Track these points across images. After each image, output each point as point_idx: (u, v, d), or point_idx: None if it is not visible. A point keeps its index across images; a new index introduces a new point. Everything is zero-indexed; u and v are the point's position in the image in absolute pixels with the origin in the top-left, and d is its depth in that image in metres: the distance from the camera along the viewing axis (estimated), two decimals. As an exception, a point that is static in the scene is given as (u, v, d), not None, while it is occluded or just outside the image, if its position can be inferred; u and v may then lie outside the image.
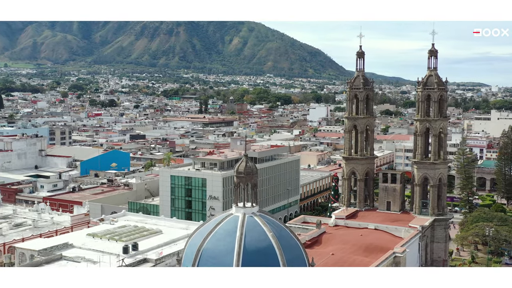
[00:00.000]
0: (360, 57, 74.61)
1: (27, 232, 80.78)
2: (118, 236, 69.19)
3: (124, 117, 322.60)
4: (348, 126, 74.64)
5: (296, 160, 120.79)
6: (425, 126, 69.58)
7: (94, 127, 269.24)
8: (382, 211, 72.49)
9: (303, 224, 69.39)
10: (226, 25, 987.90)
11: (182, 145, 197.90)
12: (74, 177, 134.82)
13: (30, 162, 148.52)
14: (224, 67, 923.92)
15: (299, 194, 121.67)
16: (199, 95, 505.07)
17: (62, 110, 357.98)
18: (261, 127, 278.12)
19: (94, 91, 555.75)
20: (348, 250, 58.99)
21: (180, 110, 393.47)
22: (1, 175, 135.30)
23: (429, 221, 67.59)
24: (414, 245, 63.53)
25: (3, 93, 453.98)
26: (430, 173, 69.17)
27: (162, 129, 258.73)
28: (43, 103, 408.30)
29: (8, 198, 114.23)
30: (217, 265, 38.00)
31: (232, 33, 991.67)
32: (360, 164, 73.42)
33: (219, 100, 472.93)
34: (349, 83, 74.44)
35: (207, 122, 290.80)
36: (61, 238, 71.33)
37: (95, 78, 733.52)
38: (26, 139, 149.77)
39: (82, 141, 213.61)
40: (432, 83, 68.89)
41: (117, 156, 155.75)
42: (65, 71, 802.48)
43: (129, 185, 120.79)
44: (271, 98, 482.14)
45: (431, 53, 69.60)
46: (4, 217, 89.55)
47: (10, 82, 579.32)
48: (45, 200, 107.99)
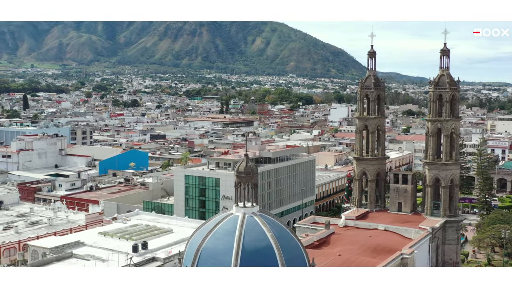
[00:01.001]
0: (371, 57, 74.10)
1: (42, 230, 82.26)
2: (129, 235, 69.92)
3: (145, 117, 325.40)
4: (359, 126, 74.22)
5: (312, 160, 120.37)
6: (436, 126, 68.80)
7: (115, 127, 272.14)
8: (393, 212, 71.88)
9: (312, 225, 69.16)
10: (248, 26, 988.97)
11: (201, 145, 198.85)
12: (93, 176, 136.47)
13: (50, 161, 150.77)
14: (246, 67, 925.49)
15: (315, 194, 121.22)
16: (220, 95, 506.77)
17: (85, 110, 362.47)
18: (281, 127, 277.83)
19: (118, 91, 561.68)
20: (356, 251, 58.66)
21: (202, 110, 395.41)
22: (22, 174, 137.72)
23: (440, 223, 66.79)
24: (424, 247, 62.85)
25: (29, 94, 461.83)
26: (441, 174, 68.35)
27: (183, 129, 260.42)
28: (67, 103, 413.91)
29: (27, 196, 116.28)
30: (216, 265, 38.22)
31: (254, 33, 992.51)
32: (371, 165, 72.92)
33: (240, 100, 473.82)
34: (360, 83, 74.04)
35: (227, 122, 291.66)
36: (73, 236, 72.43)
37: (119, 78, 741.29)
38: (46, 139, 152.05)
39: (103, 140, 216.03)
40: (444, 82, 68.08)
41: (136, 156, 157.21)
42: (90, 72, 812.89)
43: (146, 185, 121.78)
44: (293, 98, 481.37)
45: (443, 52, 68.78)
46: (21, 215, 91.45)
47: (36, 83, 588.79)
48: (63, 199, 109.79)
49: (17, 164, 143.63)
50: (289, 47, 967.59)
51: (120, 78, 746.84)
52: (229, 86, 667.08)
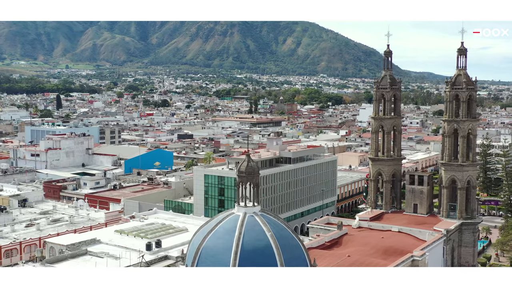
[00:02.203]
0: (387, 56, 73.40)
1: (63, 228, 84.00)
2: (144, 233, 70.81)
3: (174, 117, 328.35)
4: (374, 126, 73.53)
5: (333, 160, 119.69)
6: (453, 126, 67.66)
7: (144, 126, 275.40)
8: (408, 214, 71.01)
9: (326, 225, 68.86)
10: (279, 26, 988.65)
11: (226, 145, 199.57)
12: (118, 175, 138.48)
13: (77, 160, 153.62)
14: (277, 67, 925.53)
15: (336, 195, 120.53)
16: (250, 95, 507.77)
17: (116, 110, 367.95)
18: (309, 127, 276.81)
19: (149, 91, 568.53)
20: (366, 252, 58.19)
21: (231, 110, 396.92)
22: (49, 172, 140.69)
23: (455, 225, 65.70)
24: (437, 249, 61.96)
25: (63, 94, 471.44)
26: (458, 175, 67.20)
27: (210, 129, 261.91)
28: (99, 103, 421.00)
29: (53, 194, 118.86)
30: (215, 263, 38.54)
31: (285, 33, 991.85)
32: (387, 165, 72.17)
33: (270, 100, 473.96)
34: (376, 83, 73.36)
35: (255, 122, 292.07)
36: (90, 234, 73.73)
37: (151, 78, 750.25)
38: (74, 138, 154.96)
39: (131, 140, 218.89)
40: (460, 82, 66.93)
41: (161, 155, 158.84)
42: (123, 72, 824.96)
43: (168, 184, 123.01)
44: (322, 98, 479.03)
45: (460, 51, 67.62)
46: (44, 213, 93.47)
47: (70, 83, 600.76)
48: (87, 197, 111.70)
49: (45, 163, 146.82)
50: (320, 47, 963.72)
51: (152, 78, 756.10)
52: (260, 86, 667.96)
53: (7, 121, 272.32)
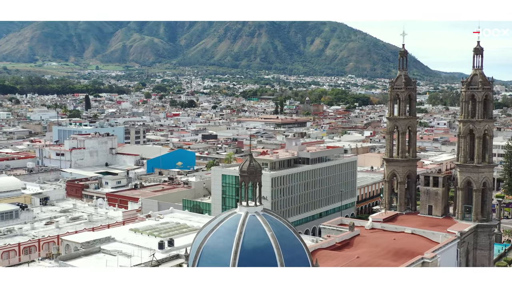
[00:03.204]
0: (402, 57, 72.63)
1: (81, 226, 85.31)
2: (158, 232, 71.58)
3: (200, 118, 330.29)
4: (389, 127, 72.82)
5: (353, 161, 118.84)
6: (468, 127, 66.53)
7: (170, 127, 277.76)
8: (423, 215, 70.07)
9: (339, 226, 68.41)
10: (307, 26, 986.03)
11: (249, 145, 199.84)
12: (140, 174, 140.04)
13: (101, 159, 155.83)
14: (305, 68, 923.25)
15: (356, 196, 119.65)
16: (277, 96, 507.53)
17: (143, 111, 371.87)
18: (333, 128, 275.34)
19: (177, 92, 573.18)
20: (377, 253, 57.64)
21: (256, 110, 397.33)
22: (73, 171, 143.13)
23: (470, 227, 64.58)
24: (451, 251, 61.02)
25: (92, 94, 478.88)
26: (473, 176, 66.06)
27: (235, 130, 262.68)
28: (127, 103, 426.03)
29: (75, 193, 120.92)
30: (216, 262, 38.68)
31: (313, 33, 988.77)
32: (401, 166, 71.34)
33: (296, 101, 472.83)
34: (390, 83, 72.67)
35: (279, 122, 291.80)
36: (106, 232, 74.77)
37: (179, 79, 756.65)
38: (98, 138, 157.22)
39: (156, 140, 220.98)
40: (476, 82, 65.79)
41: (183, 155, 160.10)
42: (151, 73, 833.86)
43: (188, 184, 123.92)
44: (349, 99, 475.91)
45: (476, 51, 66.49)
46: (64, 211, 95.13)
47: (99, 84, 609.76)
48: (108, 196, 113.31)
49: (70, 162, 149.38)
50: (348, 47, 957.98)
51: (180, 79, 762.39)
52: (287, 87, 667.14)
53: (37, 121, 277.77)
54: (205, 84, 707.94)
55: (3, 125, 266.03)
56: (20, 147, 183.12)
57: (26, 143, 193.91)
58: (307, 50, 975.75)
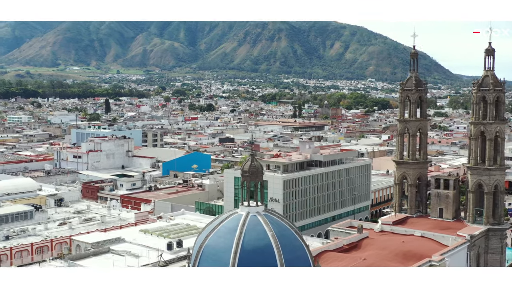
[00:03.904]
0: (413, 58, 72.11)
1: (94, 227, 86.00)
2: (167, 233, 71.84)
3: (218, 121, 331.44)
4: (399, 129, 72.30)
5: (367, 164, 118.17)
6: (479, 129, 65.70)
7: (187, 130, 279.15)
8: (433, 218, 69.29)
9: (347, 229, 67.99)
10: (327, 30, 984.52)
11: (266, 148, 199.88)
12: (155, 177, 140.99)
13: (117, 162, 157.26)
14: (325, 72, 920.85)
15: (370, 199, 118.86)
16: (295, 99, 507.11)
17: (162, 114, 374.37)
18: (351, 131, 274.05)
19: (196, 96, 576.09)
20: (384, 256, 57.16)
21: (275, 114, 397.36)
22: (90, 173, 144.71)
23: (480, 230, 63.69)
24: (460, 255, 60.23)
25: (112, 98, 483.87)
26: (484, 179, 65.18)
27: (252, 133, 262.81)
28: (146, 107, 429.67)
29: (91, 195, 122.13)
30: (216, 262, 38.77)
31: (333, 37, 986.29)
32: (412, 169, 70.72)
33: (315, 104, 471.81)
34: (401, 85, 72.15)
35: (297, 126, 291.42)
36: (116, 232, 75.30)
37: (199, 83, 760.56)
38: (114, 141, 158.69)
39: (173, 143, 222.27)
40: (487, 84, 64.98)
41: (199, 158, 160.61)
42: (171, 77, 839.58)
43: (202, 186, 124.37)
44: (368, 103, 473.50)
45: (488, 52, 65.67)
46: (77, 212, 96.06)
47: (119, 88, 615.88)
48: (122, 198, 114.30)
49: (87, 164, 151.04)
50: (368, 51, 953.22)
51: (200, 83, 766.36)
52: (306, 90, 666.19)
53: (57, 124, 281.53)
54: (225, 88, 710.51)
55: (24, 128, 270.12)
56: (40, 150, 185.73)
57: (45, 145, 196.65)
58: (326, 54, 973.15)
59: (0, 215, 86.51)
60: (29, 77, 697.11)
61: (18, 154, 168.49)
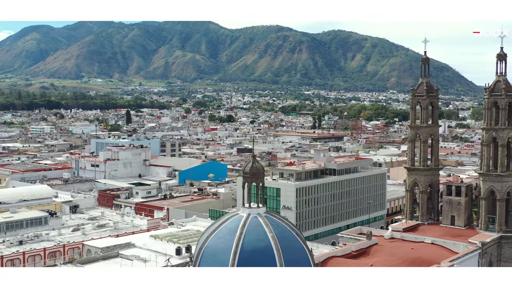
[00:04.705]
0: (424, 64, 71.59)
1: (106, 233, 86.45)
2: (177, 239, 72.06)
3: (237, 132, 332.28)
4: (410, 135, 71.68)
5: (382, 173, 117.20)
6: (491, 135, 64.80)
7: (206, 140, 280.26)
8: (445, 226, 68.35)
9: (357, 235, 67.40)
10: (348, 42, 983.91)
11: (283, 158, 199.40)
12: (171, 185, 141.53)
13: (135, 171, 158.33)
14: (346, 83, 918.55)
15: (386, 209, 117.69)
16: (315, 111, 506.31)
17: (182, 125, 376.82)
18: (370, 142, 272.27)
19: (216, 107, 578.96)
20: (391, 262, 56.46)
21: (294, 125, 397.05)
22: (107, 182, 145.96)
23: (492, 238, 62.58)
24: (471, 262, 59.21)
25: (134, 110, 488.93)
26: (496, 186, 64.18)
27: (271, 144, 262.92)
28: (167, 118, 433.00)
29: (107, 202, 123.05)
30: (216, 262, 38.71)
31: (354, 49, 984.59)
32: (423, 176, 69.95)
33: (335, 116, 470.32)
34: (412, 91, 71.63)
35: (316, 137, 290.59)
36: (126, 238, 75.71)
37: (220, 95, 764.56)
38: (131, 150, 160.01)
39: (191, 153, 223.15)
40: (499, 89, 64.18)
41: (215, 167, 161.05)
42: (193, 89, 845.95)
43: (217, 194, 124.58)
44: (389, 114, 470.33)
45: (499, 57, 64.92)
46: (91, 219, 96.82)
47: (141, 99, 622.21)
48: (137, 206, 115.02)
49: (104, 173, 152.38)
50: (390, 63, 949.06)
51: (221, 95, 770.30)
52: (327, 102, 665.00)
53: (78, 135, 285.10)
54: (245, 99, 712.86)
55: (46, 138, 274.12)
56: (59, 159, 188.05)
57: (65, 155, 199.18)
58: (347, 66, 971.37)
59: (15, 220, 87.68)
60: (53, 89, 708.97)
61: (38, 163, 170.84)
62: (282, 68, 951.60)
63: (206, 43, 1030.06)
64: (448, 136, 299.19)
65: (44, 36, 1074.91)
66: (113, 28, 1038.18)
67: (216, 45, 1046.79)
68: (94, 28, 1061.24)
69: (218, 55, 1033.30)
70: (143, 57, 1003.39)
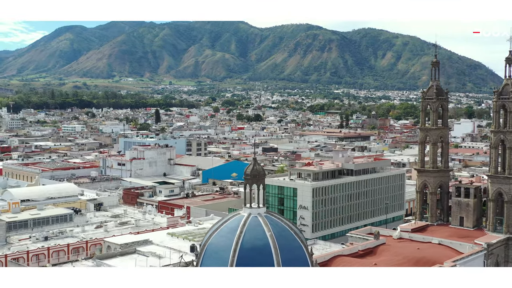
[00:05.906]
0: (434, 67, 72.59)
1: (127, 230, 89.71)
2: (193, 236, 74.64)
3: (264, 131, 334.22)
4: (421, 137, 72.80)
5: (401, 174, 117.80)
6: (499, 137, 65.56)
7: (233, 140, 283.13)
8: (454, 227, 69.30)
9: (366, 235, 68.86)
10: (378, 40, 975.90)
11: (307, 158, 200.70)
12: (195, 184, 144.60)
13: (160, 169, 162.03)
14: (376, 82, 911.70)
15: (405, 209, 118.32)
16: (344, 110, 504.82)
17: (210, 124, 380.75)
18: (397, 142, 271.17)
19: (245, 106, 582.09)
20: (396, 262, 57.86)
21: (322, 124, 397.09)
22: (133, 180, 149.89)
23: (499, 239, 63.36)
24: (476, 263, 60.15)
25: (163, 109, 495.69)
26: (504, 188, 64.90)
27: (296, 143, 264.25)
28: (195, 117, 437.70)
29: (131, 200, 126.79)
30: (217, 260, 40.98)
31: (385, 47, 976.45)
32: (433, 177, 71.03)
33: (363, 115, 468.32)
34: (422, 93, 72.69)
35: (342, 136, 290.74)
36: (145, 235, 78.71)
37: (249, 94, 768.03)
38: (157, 149, 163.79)
39: (217, 152, 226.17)
40: (507, 92, 64.88)
41: (239, 166, 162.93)
42: (222, 88, 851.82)
43: (238, 194, 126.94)
44: (418, 113, 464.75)
45: (508, 60, 65.57)
46: (114, 216, 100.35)
47: (171, 98, 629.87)
48: (160, 204, 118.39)
49: (130, 172, 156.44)
50: (421, 61, 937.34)
51: (250, 93, 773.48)
52: (356, 101, 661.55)
53: (107, 134, 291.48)
54: (274, 98, 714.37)
55: (77, 137, 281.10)
56: (88, 158, 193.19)
57: (94, 154, 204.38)
58: (378, 64, 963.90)
59: (42, 217, 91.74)
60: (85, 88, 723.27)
61: (67, 161, 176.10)
62: (311, 66, 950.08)
63: (235, 42, 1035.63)
64: (477, 136, 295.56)
65: (77, 36, 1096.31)
66: (144, 28, 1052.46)
67: (246, 44, 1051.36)
68: (126, 28, 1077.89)
69: (247, 54, 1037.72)
70: (174, 56, 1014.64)
